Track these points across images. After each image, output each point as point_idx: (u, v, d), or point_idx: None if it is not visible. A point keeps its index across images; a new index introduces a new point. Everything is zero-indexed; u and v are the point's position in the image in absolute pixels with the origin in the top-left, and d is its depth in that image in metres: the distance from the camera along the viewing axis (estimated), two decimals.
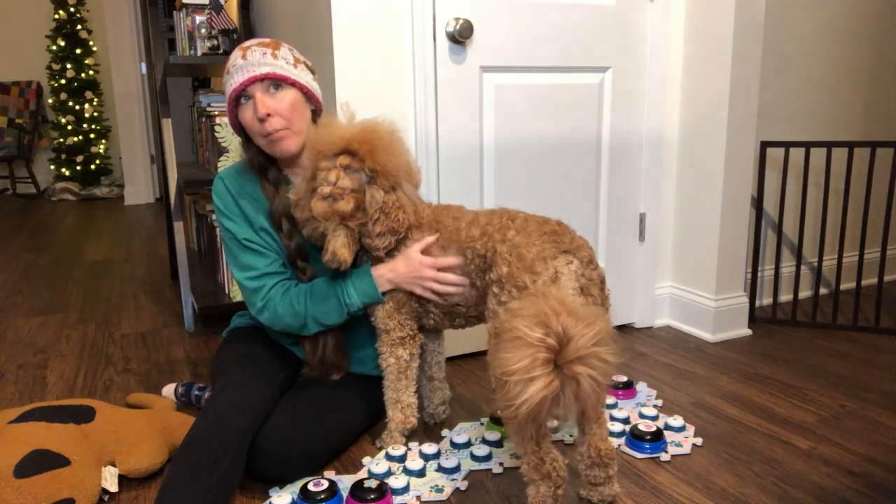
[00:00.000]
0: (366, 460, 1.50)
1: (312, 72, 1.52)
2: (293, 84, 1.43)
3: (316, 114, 1.52)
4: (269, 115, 1.39)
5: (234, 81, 1.41)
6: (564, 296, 1.09)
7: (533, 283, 1.16)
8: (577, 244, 1.23)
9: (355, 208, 1.32)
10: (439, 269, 1.38)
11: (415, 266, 1.39)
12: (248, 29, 2.68)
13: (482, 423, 1.68)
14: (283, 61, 1.43)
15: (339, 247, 1.33)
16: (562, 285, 1.16)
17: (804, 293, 2.67)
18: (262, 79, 1.40)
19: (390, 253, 1.43)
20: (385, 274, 1.42)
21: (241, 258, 1.49)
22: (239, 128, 1.49)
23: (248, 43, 1.45)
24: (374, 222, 1.36)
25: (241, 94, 1.42)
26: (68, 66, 6.29)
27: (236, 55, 1.43)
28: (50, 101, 6.42)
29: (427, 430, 1.66)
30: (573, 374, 0.98)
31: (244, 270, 1.48)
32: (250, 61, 1.41)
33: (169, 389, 1.86)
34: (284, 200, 1.47)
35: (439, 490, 1.38)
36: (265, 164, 1.51)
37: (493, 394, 1.03)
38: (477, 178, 2.02)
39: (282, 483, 1.41)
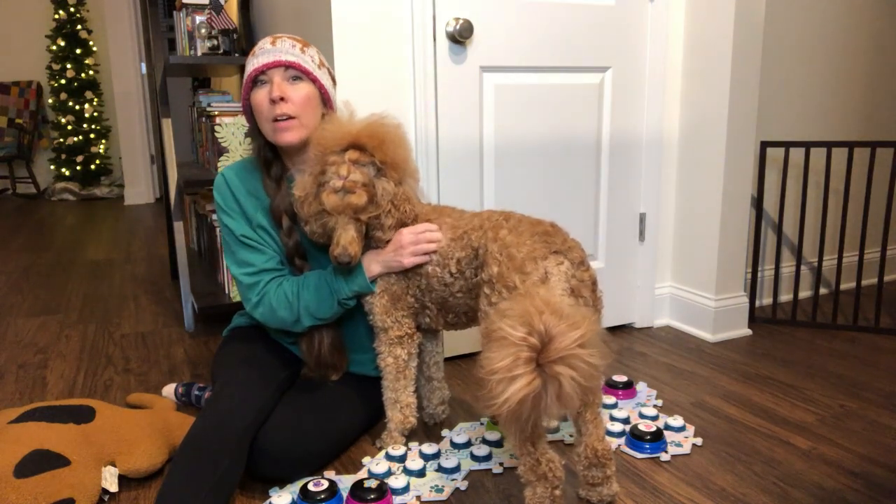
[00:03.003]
0: (366, 460, 1.50)
1: (333, 80, 1.54)
2: (313, 80, 1.45)
3: (324, 117, 1.52)
4: (282, 98, 1.41)
5: (257, 62, 1.43)
6: (551, 296, 1.09)
7: (522, 283, 1.17)
8: (569, 245, 1.23)
9: (368, 202, 1.33)
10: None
11: (395, 238, 1.41)
12: (248, 29, 2.68)
13: (482, 423, 1.68)
14: (310, 58, 1.46)
15: (350, 241, 1.34)
16: (551, 286, 1.16)
17: (804, 293, 2.67)
18: (285, 66, 1.42)
19: None
20: (372, 258, 1.44)
21: (238, 254, 1.49)
22: (249, 113, 1.50)
23: (279, 34, 1.48)
24: (386, 214, 1.37)
25: (261, 77, 1.44)
26: (68, 66, 6.28)
27: (266, 40, 1.46)
28: (50, 101, 6.42)
29: (427, 430, 1.66)
30: (554, 374, 0.98)
31: (241, 266, 1.49)
32: (279, 48, 1.43)
33: (169, 389, 1.86)
34: (286, 197, 1.48)
35: (439, 490, 1.38)
36: (270, 159, 1.52)
37: (479, 391, 1.03)
38: (477, 177, 2.02)
39: (282, 483, 1.41)
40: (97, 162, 6.54)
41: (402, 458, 1.49)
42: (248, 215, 1.50)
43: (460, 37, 1.87)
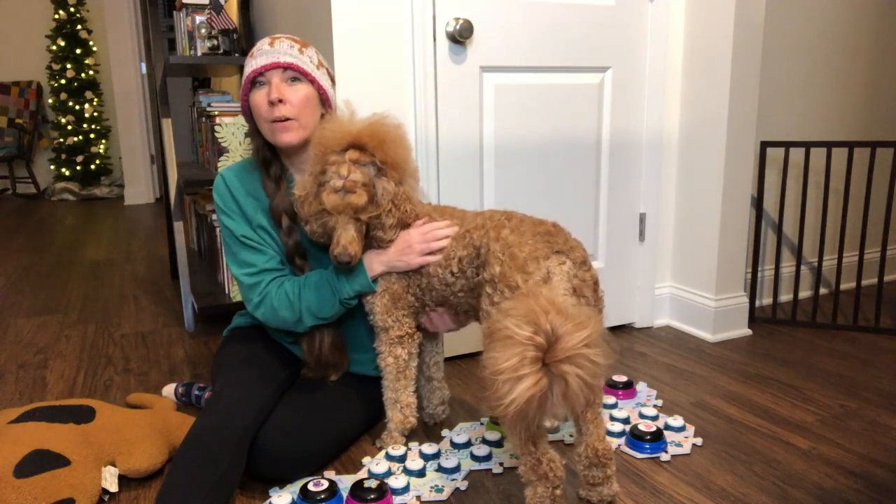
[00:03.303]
0: (366, 460, 1.50)
1: (332, 81, 1.54)
2: (312, 81, 1.45)
3: (323, 117, 1.53)
4: (280, 100, 1.41)
5: (256, 63, 1.43)
6: (555, 295, 1.09)
7: (524, 283, 1.17)
8: (571, 245, 1.23)
9: (368, 201, 1.33)
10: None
11: (403, 238, 1.41)
12: (248, 29, 2.68)
13: (482, 423, 1.68)
14: (308, 59, 1.46)
15: (350, 241, 1.34)
16: (553, 285, 1.16)
17: (804, 293, 2.67)
18: (284, 67, 1.42)
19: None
20: (374, 257, 1.44)
21: (239, 255, 1.49)
22: (248, 114, 1.50)
23: (277, 35, 1.48)
24: (387, 214, 1.37)
25: (259, 78, 1.44)
26: (68, 66, 6.28)
27: (264, 41, 1.46)
28: (50, 101, 6.42)
29: (427, 430, 1.66)
30: (561, 373, 0.98)
31: (242, 267, 1.49)
32: (277, 49, 1.43)
33: (169, 389, 1.86)
34: (285, 197, 1.48)
35: (439, 490, 1.38)
36: (269, 159, 1.52)
37: (484, 391, 1.03)
38: (477, 177, 2.02)
39: (282, 483, 1.41)
40: (97, 162, 6.54)
41: (402, 458, 1.49)
42: (248, 216, 1.50)
43: (460, 37, 1.87)
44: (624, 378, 1.84)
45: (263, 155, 1.51)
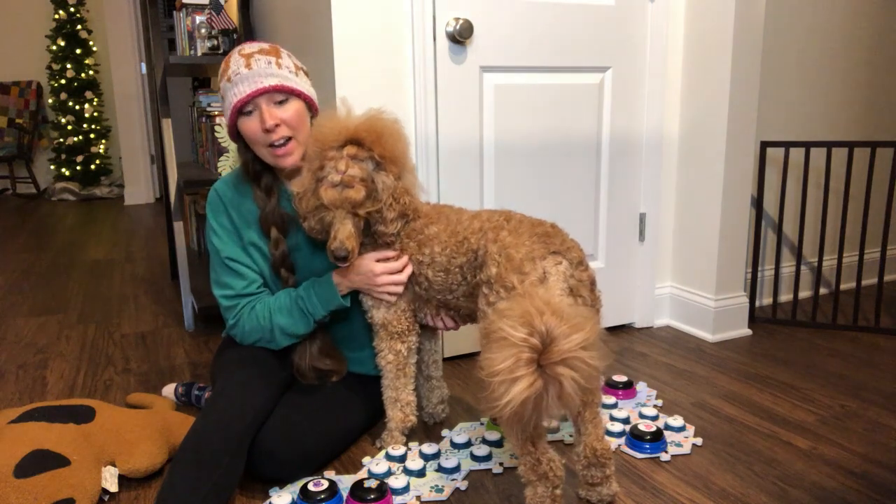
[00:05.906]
0: (366, 460, 1.50)
1: (307, 75, 1.53)
2: (298, 95, 1.44)
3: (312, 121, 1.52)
4: (276, 125, 1.40)
5: (238, 91, 1.40)
6: (551, 296, 1.09)
7: (521, 284, 1.17)
8: (568, 245, 1.23)
9: (366, 196, 1.33)
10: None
11: (366, 273, 1.41)
12: (248, 29, 2.68)
13: (482, 423, 1.68)
14: (287, 70, 1.43)
15: (347, 236, 1.34)
16: (549, 286, 1.16)
17: (804, 293, 2.67)
18: (270, 91, 1.40)
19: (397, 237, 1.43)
20: (342, 281, 1.44)
21: (220, 276, 1.50)
22: (236, 135, 1.49)
23: (247, 49, 1.43)
24: (388, 208, 1.37)
25: (245, 107, 1.41)
26: (68, 66, 6.28)
27: (238, 63, 1.41)
28: (50, 101, 6.42)
29: (427, 429, 1.66)
30: (556, 375, 0.98)
31: (221, 288, 1.50)
32: (256, 71, 1.39)
33: (169, 389, 1.86)
34: (276, 208, 1.48)
35: (439, 490, 1.38)
36: (260, 171, 1.51)
37: (483, 392, 1.03)
38: (477, 177, 2.02)
39: (282, 483, 1.41)
40: (97, 162, 6.53)
41: (402, 458, 1.49)
42: (240, 232, 1.50)
43: (460, 37, 1.87)
44: (624, 378, 1.84)
45: (254, 169, 1.50)
